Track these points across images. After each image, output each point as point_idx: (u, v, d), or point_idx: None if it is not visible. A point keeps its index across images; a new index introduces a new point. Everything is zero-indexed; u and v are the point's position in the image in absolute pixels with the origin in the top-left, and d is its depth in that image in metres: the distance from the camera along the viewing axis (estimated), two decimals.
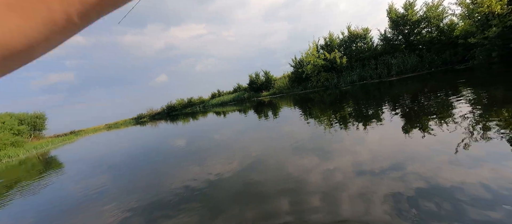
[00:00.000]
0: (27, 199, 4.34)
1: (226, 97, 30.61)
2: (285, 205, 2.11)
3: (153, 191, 3.20)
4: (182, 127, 12.67)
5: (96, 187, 4.10)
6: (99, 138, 19.29)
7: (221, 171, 3.41)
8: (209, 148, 5.33)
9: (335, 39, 18.89)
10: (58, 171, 6.76)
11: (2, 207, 4.13)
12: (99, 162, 6.95)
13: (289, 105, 11.31)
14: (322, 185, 2.34)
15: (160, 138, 9.59)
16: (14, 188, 5.50)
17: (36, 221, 3.11)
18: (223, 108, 20.80)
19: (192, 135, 8.60)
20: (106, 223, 2.51)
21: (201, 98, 36.14)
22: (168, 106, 36.49)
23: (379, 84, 11.98)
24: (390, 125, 4.05)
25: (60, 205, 3.57)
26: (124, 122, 42.78)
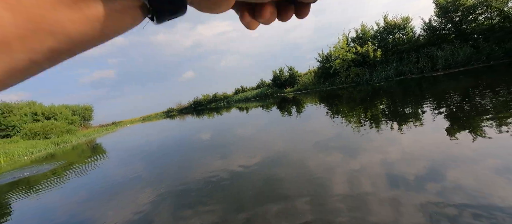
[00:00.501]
0: (80, 178, 5.10)
1: (249, 93, 30.97)
2: (303, 204, 2.08)
3: (181, 180, 3.46)
4: (208, 121, 13.28)
5: (133, 173, 4.60)
6: (135, 129, 21.45)
7: (244, 164, 3.50)
8: (232, 143, 5.50)
9: (368, 31, 17.47)
10: (103, 157, 7.75)
11: (63, 183, 4.93)
12: (135, 150, 7.75)
13: (314, 102, 10.93)
14: (346, 187, 2.24)
15: (187, 131, 10.23)
16: (71, 168, 6.50)
17: (87, 196, 3.65)
18: (246, 104, 21.13)
19: (216, 129, 8.97)
20: (141, 204, 2.81)
21: (225, 94, 37.29)
22: (194, 101, 38.58)
23: (421, 80, 10.75)
24: (431, 126, 3.64)
25: (104, 185, 4.12)
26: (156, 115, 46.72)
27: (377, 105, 6.52)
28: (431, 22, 14.13)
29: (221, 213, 2.21)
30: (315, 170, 2.79)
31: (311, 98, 13.22)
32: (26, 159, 11.76)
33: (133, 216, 2.55)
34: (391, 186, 2.09)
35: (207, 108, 30.25)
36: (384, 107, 6.09)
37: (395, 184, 2.11)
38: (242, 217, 2.04)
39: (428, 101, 5.52)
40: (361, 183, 2.25)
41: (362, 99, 8.75)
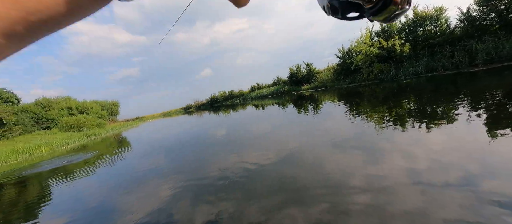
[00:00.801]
0: (108, 168, 5.58)
1: (265, 91, 30.91)
2: (318, 206, 2.04)
3: (198, 173, 3.60)
4: (224, 118, 13.57)
5: (154, 165, 4.90)
6: (156, 124, 22.71)
7: (257, 161, 3.53)
8: (246, 139, 5.57)
9: (394, 23, 16.29)
10: (128, 149, 8.35)
11: (94, 171, 5.43)
12: (156, 144, 8.23)
13: (333, 100, 10.57)
14: (365, 192, 2.15)
15: (204, 127, 10.57)
16: (101, 159, 7.12)
17: (114, 185, 3.99)
18: (261, 101, 21.14)
19: (232, 125, 9.13)
20: (162, 194, 3.00)
21: (241, 91, 37.65)
22: (211, 98, 39.59)
23: (456, 77, 9.80)
24: (466, 127, 3.32)
25: (129, 176, 4.45)
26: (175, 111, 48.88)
27: (403, 104, 6.10)
28: (470, 12, 12.73)
29: (235, 205, 2.28)
30: (330, 173, 2.72)
31: (329, 96, 12.80)
32: (63, 149, 13.13)
33: (155, 205, 2.72)
34: (417, 198, 1.97)
35: (223, 105, 30.86)
36: (411, 107, 5.68)
37: (423, 195, 1.98)
38: (254, 210, 2.08)
39: (465, 101, 5.03)
40: (379, 182, 2.15)
41: (385, 98, 8.25)
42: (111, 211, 2.93)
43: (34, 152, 12.78)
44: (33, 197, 4.42)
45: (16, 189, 5.38)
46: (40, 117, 24.05)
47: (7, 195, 4.93)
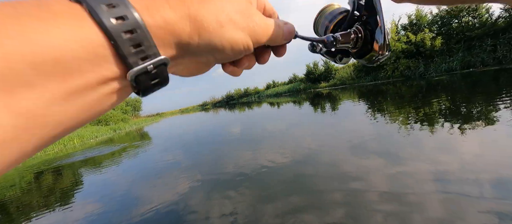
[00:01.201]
0: (132, 160, 5.99)
1: (281, 88, 30.62)
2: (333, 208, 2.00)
3: (215, 168, 3.73)
4: (239, 115, 13.75)
5: (173, 159, 5.16)
6: (175, 120, 23.76)
7: (272, 160, 3.54)
8: (261, 137, 5.59)
9: (425, 15, 15.11)
10: (149, 143, 8.88)
11: (119, 163, 5.88)
12: (175, 139, 8.63)
13: (352, 99, 10.14)
14: (387, 196, 2.05)
15: (220, 124, 10.83)
16: (125, 152, 7.67)
17: (137, 175, 4.29)
18: (277, 99, 21.00)
19: (247, 123, 9.23)
20: (179, 187, 3.16)
21: (257, 88, 37.74)
22: (227, 96, 40.27)
23: (498, 73, 8.83)
24: (507, 130, 2.99)
25: (150, 168, 4.75)
26: (192, 107, 50.64)
27: (432, 104, 5.66)
28: None
29: (250, 201, 2.32)
30: (347, 176, 2.63)
31: (348, 95, 12.30)
32: (92, 142, 14.35)
33: (173, 196, 2.88)
34: (442, 194, 1.83)
35: (239, 102, 31.22)
36: (443, 107, 5.26)
37: (452, 204, 1.84)
38: (270, 207, 2.10)
39: (508, 101, 4.52)
40: (404, 187, 2.03)
41: (413, 97, 7.72)
42: (134, 198, 3.16)
43: (67, 144, 14.15)
44: (67, 184, 4.92)
45: (53, 176, 6.03)
46: None
47: (46, 181, 5.55)
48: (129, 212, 2.75)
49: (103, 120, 24.09)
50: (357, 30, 0.28)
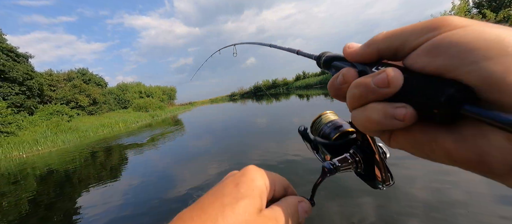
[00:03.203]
0: (167, 144, 6.60)
1: (311, 80, 29.45)
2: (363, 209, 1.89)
3: (240, 158, 3.87)
4: (266, 107, 13.77)
5: (203, 145, 5.52)
6: (205, 109, 25.11)
7: (298, 153, 3.50)
8: (288, 130, 5.54)
9: None
10: (182, 129, 9.62)
11: (157, 146, 6.56)
12: (205, 127, 9.18)
13: None
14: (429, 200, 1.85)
15: (247, 115, 11.05)
16: (162, 136, 8.49)
17: (172, 158, 4.75)
18: (307, 92, 20.31)
19: (274, 115, 9.21)
20: (208, 171, 3.39)
21: (285, 80, 37.02)
22: (255, 87, 40.56)
23: None
24: None
25: (183, 152, 5.19)
26: (221, 98, 52.61)
27: None
28: None
29: None
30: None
31: None
32: (134, 126, 16.19)
33: (202, 181, 3.11)
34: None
35: (266, 94, 31.20)
36: None
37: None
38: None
39: None
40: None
41: None
42: (170, 177, 3.52)
43: (114, 127, 16.25)
44: (115, 161, 5.72)
45: (104, 154, 7.04)
46: (120, 98, 30.11)
47: (98, 158, 6.52)
48: (164, 188, 3.08)
49: (144, 107, 26.84)
50: (353, 154, 0.26)
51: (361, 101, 0.18)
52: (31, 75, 17.64)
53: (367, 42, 0.19)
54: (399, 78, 0.15)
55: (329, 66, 0.25)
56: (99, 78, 28.39)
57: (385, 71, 0.16)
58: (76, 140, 12.45)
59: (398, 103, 0.16)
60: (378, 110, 0.17)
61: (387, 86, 0.16)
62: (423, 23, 0.16)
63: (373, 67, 0.19)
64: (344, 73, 0.20)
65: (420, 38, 0.16)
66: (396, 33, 0.17)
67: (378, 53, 0.18)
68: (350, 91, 0.19)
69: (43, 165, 6.91)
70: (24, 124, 14.80)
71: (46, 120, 16.23)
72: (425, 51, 0.15)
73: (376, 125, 0.17)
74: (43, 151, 10.46)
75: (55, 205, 3.36)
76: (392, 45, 0.17)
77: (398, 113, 0.15)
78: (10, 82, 16.08)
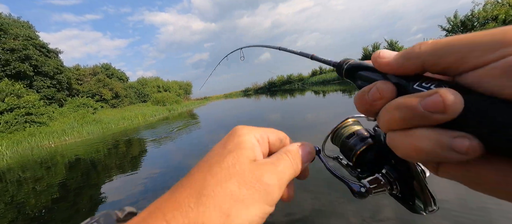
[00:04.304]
0: (183, 138, 6.85)
1: (328, 76, 28.60)
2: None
3: None
4: (280, 102, 13.65)
5: (216, 139, 5.53)
6: (219, 104, 25.54)
7: None
8: (302, 126, 5.45)
9: None
10: (197, 123, 9.90)
11: (173, 139, 6.82)
12: (219, 121, 9.35)
13: None
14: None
15: (261, 110, 11.05)
16: (179, 129, 8.81)
17: (188, 151, 4.92)
18: (323, 88, 19.77)
19: (288, 111, 9.11)
20: None
21: (301, 75, 36.29)
22: (269, 82, 40.32)
23: None
24: None
25: (198, 145, 5.35)
26: (235, 93, 53.10)
27: None
28: None
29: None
30: None
31: None
32: (152, 119, 16.95)
33: None
34: None
35: (281, 90, 30.91)
36: None
37: None
38: (308, 197, 2.08)
39: None
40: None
41: None
42: (185, 168, 3.65)
43: (134, 119, 17.14)
44: (135, 152, 6.05)
45: (125, 145, 7.48)
46: (140, 92, 31.62)
47: (120, 149, 6.94)
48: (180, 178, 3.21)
49: (161, 101, 27.96)
50: (387, 174, 0.23)
51: (403, 125, 0.15)
52: (60, 70, 19.12)
53: (405, 53, 0.16)
54: (458, 104, 0.13)
55: (353, 76, 0.22)
56: (121, 73, 29.95)
57: (439, 93, 0.13)
58: (99, 131, 13.36)
59: (457, 132, 0.13)
60: (429, 138, 0.14)
61: (443, 112, 0.13)
62: (492, 35, 0.13)
63: (415, 83, 0.16)
64: (380, 88, 0.17)
65: (490, 55, 0.12)
66: (450, 46, 0.14)
67: (422, 68, 0.15)
68: (388, 112, 0.16)
69: (70, 154, 7.53)
70: (54, 115, 16.17)
71: (74, 112, 17.57)
72: (499, 71, 0.12)
73: (425, 155, 0.14)
74: (69, 141, 11.38)
75: (82, 191, 3.65)
76: (444, 61, 0.14)
77: (458, 145, 0.13)
78: (43, 76, 17.58)
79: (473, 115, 0.13)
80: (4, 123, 12.70)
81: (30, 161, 7.41)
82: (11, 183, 4.92)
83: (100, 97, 23.32)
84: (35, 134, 12.37)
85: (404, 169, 0.22)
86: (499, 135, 0.12)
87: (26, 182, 4.76)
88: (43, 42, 18.43)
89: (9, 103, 13.26)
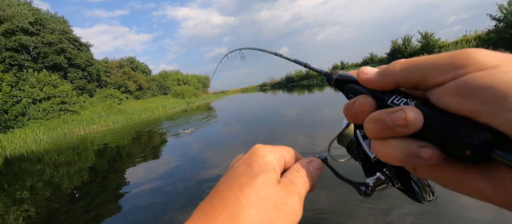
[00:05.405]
0: (200, 130, 7.06)
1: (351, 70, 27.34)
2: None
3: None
4: (297, 98, 13.41)
5: (233, 133, 5.74)
6: (236, 98, 25.83)
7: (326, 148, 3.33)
8: (319, 124, 5.30)
9: None
10: (215, 117, 10.14)
11: (192, 131, 7.08)
12: (235, 115, 9.48)
13: None
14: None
15: (278, 105, 10.96)
16: (196, 121, 9.11)
17: (204, 143, 5.08)
18: None
19: (305, 107, 8.92)
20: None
21: None
22: (286, 77, 39.68)
23: None
24: None
25: (214, 138, 5.49)
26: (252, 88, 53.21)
27: None
28: None
29: None
30: None
31: None
32: (171, 111, 17.69)
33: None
34: None
35: (298, 85, 30.28)
36: None
37: None
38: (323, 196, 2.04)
39: None
40: None
41: None
42: (202, 160, 3.79)
43: (155, 111, 18.04)
44: (156, 142, 6.38)
45: (147, 135, 7.92)
46: (161, 84, 33.14)
47: (142, 139, 7.37)
48: (197, 169, 3.33)
49: (181, 94, 29.04)
50: (387, 171, 0.25)
51: (380, 135, 0.17)
52: (91, 62, 20.67)
53: (382, 70, 0.18)
54: (418, 120, 0.15)
55: (341, 88, 0.24)
56: (144, 66, 31.55)
57: (403, 111, 0.15)
58: (123, 121, 14.31)
59: (423, 143, 0.15)
60: (400, 147, 0.16)
61: (405, 126, 0.15)
62: (446, 58, 0.15)
63: (391, 97, 0.18)
64: (361, 102, 0.19)
65: (445, 76, 0.15)
66: (416, 66, 0.16)
67: (396, 83, 0.18)
68: (367, 124, 0.18)
69: (98, 141, 8.18)
70: (85, 105, 17.62)
71: (102, 102, 18.98)
72: (452, 90, 0.14)
73: (399, 161, 0.17)
74: (97, 129, 12.36)
75: (109, 174, 3.96)
76: (411, 79, 0.17)
77: (422, 153, 0.15)
78: (76, 68, 19.16)
79: (433, 125, 0.15)
80: (42, 110, 14.14)
81: (64, 146, 8.20)
82: (48, 165, 5.49)
83: (125, 89, 24.86)
84: (68, 122, 13.62)
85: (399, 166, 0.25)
86: (453, 144, 0.14)
87: (61, 164, 5.28)
88: (76, 36, 20.01)
89: (47, 93, 14.70)
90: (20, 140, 10.75)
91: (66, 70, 18.37)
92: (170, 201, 2.51)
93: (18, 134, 11.17)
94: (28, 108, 13.77)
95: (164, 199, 2.59)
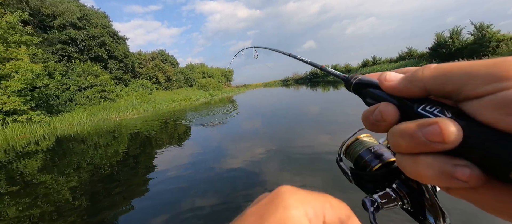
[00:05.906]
0: (222, 123, 7.29)
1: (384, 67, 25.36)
2: None
3: (287, 144, 3.86)
4: (321, 95, 12.94)
5: (253, 127, 5.79)
6: (258, 92, 25.91)
7: None
8: (342, 123, 5.05)
9: None
10: (236, 110, 10.34)
11: (214, 125, 7.34)
12: (256, 109, 9.55)
13: None
14: None
15: (299, 102, 10.73)
16: (219, 113, 9.41)
17: (225, 136, 5.25)
18: None
19: (328, 104, 8.57)
20: (256, 151, 3.56)
21: (348, 66, 33.30)
22: (311, 73, 38.44)
23: None
24: None
25: (235, 131, 5.63)
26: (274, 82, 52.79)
27: None
28: None
29: (320, 181, 2.27)
30: None
31: None
32: (196, 103, 18.48)
33: (250, 159, 3.31)
34: None
35: (323, 81, 29.14)
36: None
37: None
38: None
39: None
40: None
41: None
42: (223, 151, 3.92)
43: (181, 102, 19.03)
44: (181, 132, 6.76)
45: (173, 125, 8.41)
46: (187, 77, 34.75)
47: (169, 128, 7.86)
48: (219, 160, 3.46)
49: (205, 86, 30.14)
50: (397, 189, 0.23)
51: (409, 150, 0.15)
52: (127, 55, 22.49)
53: (410, 77, 0.16)
54: (457, 135, 0.13)
55: (361, 93, 0.22)
56: (173, 59, 33.29)
57: (438, 124, 0.13)
58: (152, 110, 15.41)
59: (459, 161, 0.13)
60: (432, 166, 0.14)
61: (442, 142, 0.13)
62: (487, 67, 0.13)
63: (419, 106, 0.16)
64: (381, 110, 0.17)
65: (485, 87, 0.13)
66: (450, 74, 0.14)
67: (425, 92, 0.16)
68: (393, 138, 0.16)
69: (132, 127, 8.95)
70: (121, 94, 19.34)
71: (135, 92, 20.64)
72: (494, 105, 0.12)
73: (430, 181, 0.14)
74: (130, 116, 13.51)
75: (139, 158, 4.33)
76: (444, 88, 0.14)
77: (459, 174, 0.13)
78: (114, 60, 21.05)
79: (472, 144, 0.13)
80: (86, 97, 15.92)
81: (103, 129, 9.16)
82: (90, 146, 6.20)
83: (156, 80, 26.61)
84: (106, 108, 15.15)
85: (414, 184, 0.22)
86: (494, 164, 0.12)
87: (100, 146, 5.93)
88: (115, 30, 21.89)
89: (90, 81, 16.45)
90: (68, 123, 12.28)
91: (106, 62, 20.28)
92: (193, 187, 2.66)
93: (66, 117, 12.76)
94: (75, 95, 15.62)
95: (188, 184, 2.75)
